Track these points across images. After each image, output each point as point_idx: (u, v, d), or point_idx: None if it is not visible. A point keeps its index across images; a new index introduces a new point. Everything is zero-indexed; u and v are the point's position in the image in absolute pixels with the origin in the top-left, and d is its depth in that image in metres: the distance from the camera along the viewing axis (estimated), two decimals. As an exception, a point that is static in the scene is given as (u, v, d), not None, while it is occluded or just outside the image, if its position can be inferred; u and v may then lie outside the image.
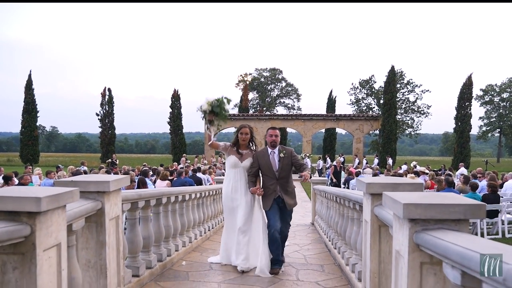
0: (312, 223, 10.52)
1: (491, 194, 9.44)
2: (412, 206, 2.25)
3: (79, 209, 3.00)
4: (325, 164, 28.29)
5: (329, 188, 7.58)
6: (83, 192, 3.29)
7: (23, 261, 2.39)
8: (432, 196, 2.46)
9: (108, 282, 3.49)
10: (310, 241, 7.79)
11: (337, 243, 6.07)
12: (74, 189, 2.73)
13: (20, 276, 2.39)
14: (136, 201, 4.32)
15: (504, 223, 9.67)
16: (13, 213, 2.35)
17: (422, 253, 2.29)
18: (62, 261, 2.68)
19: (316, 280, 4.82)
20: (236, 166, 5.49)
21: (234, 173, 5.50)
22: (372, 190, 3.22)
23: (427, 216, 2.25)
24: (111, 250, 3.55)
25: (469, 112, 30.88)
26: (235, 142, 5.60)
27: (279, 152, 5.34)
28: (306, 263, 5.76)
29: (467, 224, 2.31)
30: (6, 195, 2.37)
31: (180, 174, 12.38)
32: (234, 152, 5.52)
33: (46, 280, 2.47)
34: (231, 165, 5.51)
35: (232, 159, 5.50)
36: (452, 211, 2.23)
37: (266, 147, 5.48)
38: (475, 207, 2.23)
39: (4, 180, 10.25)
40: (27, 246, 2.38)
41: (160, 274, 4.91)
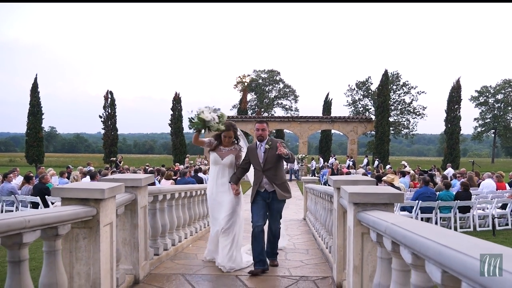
0: (304, 218, 11.62)
1: (463, 192, 10.56)
2: (355, 194, 3.35)
3: (122, 198, 4.11)
4: (318, 165, 29.51)
5: (317, 186, 8.69)
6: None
7: (90, 233, 3.49)
8: (370, 188, 3.57)
9: (139, 255, 4.60)
10: (300, 232, 8.90)
11: (321, 231, 7.18)
12: (121, 184, 3.85)
13: (88, 243, 3.50)
14: (157, 195, 5.43)
15: (475, 218, 10.78)
16: (84, 199, 3.45)
17: (363, 226, 3.38)
18: (113, 234, 3.79)
19: (301, 259, 5.94)
20: (217, 163, 5.49)
21: (216, 171, 5.51)
22: (337, 185, 4.32)
23: (365, 201, 3.34)
24: (141, 231, 4.65)
25: (458, 115, 32.18)
26: (217, 138, 5.58)
27: (267, 144, 5.27)
28: (294, 248, 6.88)
29: (393, 207, 3.41)
30: (80, 187, 3.49)
31: (184, 174, 13.48)
32: (216, 149, 5.53)
33: (104, 247, 3.57)
34: (212, 162, 5.55)
35: (213, 156, 5.53)
36: (381, 197, 3.33)
37: (256, 141, 5.43)
38: (396, 195, 3.33)
39: (26, 180, 11.33)
40: (93, 222, 3.48)
41: (174, 255, 6.01)
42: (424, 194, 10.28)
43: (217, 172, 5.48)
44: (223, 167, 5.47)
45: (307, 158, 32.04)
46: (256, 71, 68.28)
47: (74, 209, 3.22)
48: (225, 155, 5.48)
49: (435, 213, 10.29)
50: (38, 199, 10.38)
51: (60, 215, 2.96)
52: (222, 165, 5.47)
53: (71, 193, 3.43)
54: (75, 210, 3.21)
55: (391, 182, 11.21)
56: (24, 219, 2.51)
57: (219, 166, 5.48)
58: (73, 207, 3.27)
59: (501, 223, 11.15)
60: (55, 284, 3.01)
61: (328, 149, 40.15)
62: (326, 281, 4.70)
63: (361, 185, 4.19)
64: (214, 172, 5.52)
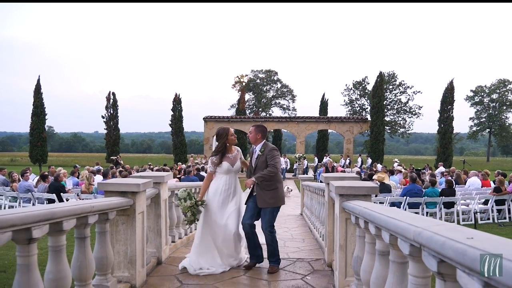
0: (301, 213, 12.49)
1: (447, 189, 11.45)
2: (340, 187, 4.21)
3: (150, 192, 4.97)
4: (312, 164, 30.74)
5: (312, 183, 9.56)
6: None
7: (128, 219, 4.34)
8: (353, 182, 4.44)
9: (161, 241, 5.46)
10: (297, 225, 9.79)
11: (316, 223, 8.06)
12: (150, 180, 4.71)
13: (126, 228, 4.35)
14: (173, 190, 6.29)
15: (459, 214, 11.67)
16: (123, 192, 4.30)
17: (346, 213, 4.23)
18: (144, 221, 4.66)
19: (298, 246, 6.82)
20: (229, 171, 5.36)
21: (224, 179, 5.35)
22: (327, 181, 5.18)
23: (348, 193, 4.20)
24: (163, 220, 5.51)
25: (451, 115, 33.23)
26: (222, 148, 5.38)
27: (260, 150, 5.30)
28: (292, 238, 7.76)
29: (370, 197, 4.26)
30: (120, 183, 4.35)
31: (188, 173, 14.34)
32: (224, 157, 5.35)
33: (139, 230, 4.43)
34: (224, 171, 5.35)
35: (225, 166, 5.33)
36: (361, 190, 4.19)
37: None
38: (372, 188, 4.20)
39: (42, 178, 12.15)
40: (130, 211, 4.33)
41: (186, 243, 6.86)
42: (412, 191, 11.16)
43: (224, 181, 5.33)
44: (234, 173, 5.43)
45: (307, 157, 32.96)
46: (254, 71, 69.07)
47: (118, 199, 4.08)
48: (234, 161, 5.39)
49: (421, 209, 11.17)
50: (54, 196, 11.21)
51: (111, 204, 3.82)
52: (234, 172, 5.41)
53: (114, 187, 4.29)
54: (119, 200, 4.07)
55: (382, 180, 12.13)
56: (91, 205, 3.37)
57: (231, 174, 5.39)
58: (117, 198, 4.13)
59: (483, 218, 12.04)
60: (105, 257, 3.87)
61: (325, 148, 41.13)
62: (319, 262, 5.57)
63: (346, 180, 5.06)
64: (222, 180, 5.33)
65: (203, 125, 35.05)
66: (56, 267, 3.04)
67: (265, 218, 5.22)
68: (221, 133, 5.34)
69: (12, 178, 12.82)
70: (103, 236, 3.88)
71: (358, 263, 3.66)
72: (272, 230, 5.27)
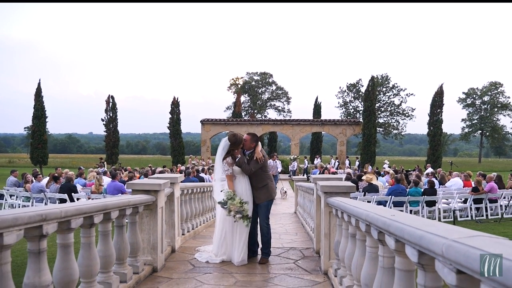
0: (295, 212, 13.46)
1: (429, 189, 12.47)
2: (325, 186, 5.18)
3: (167, 190, 5.92)
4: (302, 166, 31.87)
5: (304, 183, 10.53)
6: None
7: (151, 212, 5.29)
8: (336, 182, 5.43)
9: (175, 232, 6.41)
10: (291, 222, 10.76)
11: (308, 219, 9.03)
12: (168, 181, 5.67)
13: (149, 220, 5.30)
14: (183, 189, 7.24)
15: (440, 212, 12.68)
16: (147, 191, 5.25)
17: (329, 207, 5.19)
18: (164, 215, 5.61)
19: (291, 238, 7.80)
20: (240, 172, 5.96)
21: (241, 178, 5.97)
22: (315, 181, 6.16)
23: (331, 191, 5.16)
24: (176, 215, 6.47)
25: (441, 118, 34.47)
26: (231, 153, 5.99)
27: (248, 154, 6.02)
28: (286, 232, 8.74)
29: (349, 194, 5.23)
30: (145, 183, 5.30)
31: (189, 174, 15.25)
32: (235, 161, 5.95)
33: (159, 222, 5.38)
34: (238, 172, 5.96)
35: (237, 169, 5.93)
36: (341, 188, 5.15)
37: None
38: (350, 187, 5.17)
39: (54, 179, 13.05)
40: (153, 206, 5.28)
41: (193, 236, 7.82)
42: (396, 191, 12.16)
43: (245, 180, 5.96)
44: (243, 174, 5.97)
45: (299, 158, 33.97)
46: (249, 73, 69.66)
47: (145, 196, 5.04)
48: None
49: (405, 207, 12.16)
50: (65, 196, 12.10)
51: (141, 199, 4.78)
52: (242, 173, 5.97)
53: (140, 186, 5.24)
54: (146, 197, 5.03)
55: (370, 181, 13.11)
56: (128, 200, 4.32)
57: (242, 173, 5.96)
58: (143, 195, 5.08)
59: (462, 215, 13.08)
60: (135, 242, 4.82)
61: (319, 150, 42.22)
62: (309, 250, 6.55)
63: (331, 180, 6.04)
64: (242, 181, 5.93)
65: (200, 127, 35.98)
66: (105, 247, 4.00)
67: (262, 212, 6.01)
68: (238, 142, 5.96)
69: (25, 179, 13.70)
70: (134, 226, 4.83)
71: (337, 246, 4.63)
72: (268, 223, 6.09)
